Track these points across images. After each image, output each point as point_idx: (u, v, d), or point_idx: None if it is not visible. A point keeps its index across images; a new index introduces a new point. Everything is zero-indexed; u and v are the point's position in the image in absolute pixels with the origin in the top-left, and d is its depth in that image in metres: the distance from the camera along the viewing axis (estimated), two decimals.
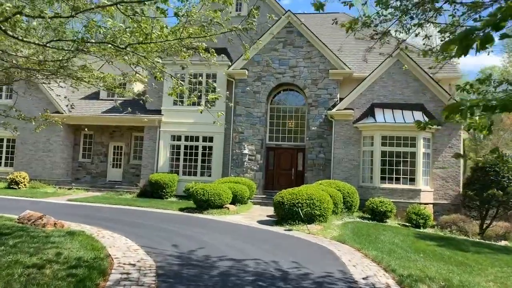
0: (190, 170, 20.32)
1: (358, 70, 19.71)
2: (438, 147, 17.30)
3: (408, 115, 17.29)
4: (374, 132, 17.29)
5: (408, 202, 16.63)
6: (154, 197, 18.96)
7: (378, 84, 18.01)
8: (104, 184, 21.67)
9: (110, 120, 21.21)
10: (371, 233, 12.50)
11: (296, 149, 19.66)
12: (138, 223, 11.93)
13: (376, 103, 17.93)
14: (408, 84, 17.79)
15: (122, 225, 11.28)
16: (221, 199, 15.03)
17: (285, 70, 19.34)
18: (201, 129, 20.23)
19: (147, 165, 20.76)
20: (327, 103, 18.82)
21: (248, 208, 16.47)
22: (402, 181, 17.01)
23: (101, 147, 22.52)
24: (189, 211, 15.21)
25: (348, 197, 15.70)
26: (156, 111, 20.87)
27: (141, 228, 10.93)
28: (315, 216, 12.66)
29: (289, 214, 12.69)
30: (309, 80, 19.07)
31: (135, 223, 11.90)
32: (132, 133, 22.39)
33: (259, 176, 19.12)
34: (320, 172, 18.57)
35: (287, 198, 12.81)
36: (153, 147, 20.74)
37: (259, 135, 19.30)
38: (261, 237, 10.80)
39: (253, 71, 19.57)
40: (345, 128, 18.10)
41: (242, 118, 19.48)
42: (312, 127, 18.81)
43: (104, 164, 22.44)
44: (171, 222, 12.37)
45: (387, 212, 15.48)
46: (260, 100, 19.41)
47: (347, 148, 18.02)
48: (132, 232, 10.17)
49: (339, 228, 12.92)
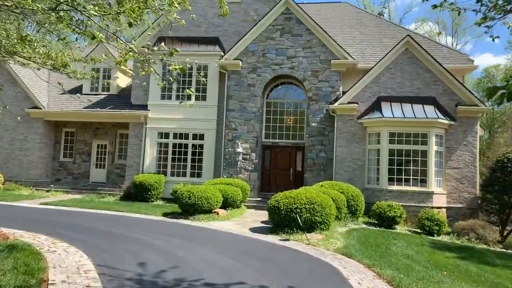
0: (179, 171, 18.59)
1: (362, 61, 18.02)
2: (452, 145, 15.59)
3: (418, 110, 15.59)
4: (381, 128, 15.58)
5: (419, 206, 14.92)
6: (138, 200, 17.25)
7: (385, 76, 16.31)
8: (86, 185, 19.95)
9: (93, 116, 19.49)
10: (380, 243, 10.79)
11: (294, 147, 17.96)
12: (108, 232, 10.21)
13: (383, 96, 16.22)
14: (418, 75, 16.08)
15: (87, 234, 9.56)
16: (210, 203, 13.32)
17: (282, 60, 17.63)
18: (191, 125, 18.52)
19: (132, 165, 19.03)
20: (329, 97, 17.11)
21: (240, 213, 14.76)
22: (412, 182, 15.29)
23: (84, 146, 20.80)
24: (174, 216, 13.49)
25: (353, 200, 13.99)
26: (142, 106, 19.16)
27: (108, 239, 9.21)
28: (316, 223, 10.95)
29: (286, 221, 10.98)
30: (309, 72, 17.36)
31: (105, 232, 10.18)
32: (117, 131, 20.66)
33: (254, 177, 17.42)
34: (321, 172, 16.85)
35: (283, 203, 11.11)
36: (139, 145, 19.02)
37: (254, 132, 17.59)
38: (251, 249, 9.09)
39: (247, 62, 17.87)
40: (348, 124, 16.38)
41: (236, 114, 17.77)
42: (312, 123, 17.10)
43: (86, 164, 20.72)
44: (148, 231, 10.66)
45: (396, 217, 13.78)
46: (255, 94, 17.70)
47: (350, 146, 16.30)
48: (95, 244, 8.46)
49: (343, 236, 11.21)
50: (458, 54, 18.18)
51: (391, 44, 18.49)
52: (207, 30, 19.32)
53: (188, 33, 19.30)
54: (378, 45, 19.20)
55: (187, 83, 18.74)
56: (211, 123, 18.51)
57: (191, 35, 19.25)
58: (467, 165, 15.44)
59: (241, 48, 17.83)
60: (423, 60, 15.99)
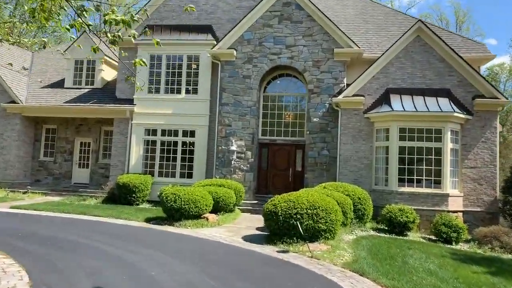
0: (168, 171, 17.00)
1: (368, 51, 16.47)
2: (468, 142, 14.04)
3: (431, 103, 14.04)
4: (390, 123, 14.03)
5: (433, 209, 13.38)
6: (122, 203, 15.66)
7: (394, 65, 14.75)
8: (67, 187, 18.33)
9: (74, 112, 17.89)
10: (394, 254, 9.24)
11: (294, 145, 16.39)
12: (72, 242, 8.63)
13: (391, 88, 14.67)
14: (430, 64, 14.53)
15: (44, 246, 7.98)
16: (198, 207, 11.74)
17: (281, 50, 16.07)
18: (181, 121, 16.93)
19: (116, 164, 17.43)
20: (332, 90, 15.55)
21: (234, 218, 13.18)
22: (425, 183, 13.74)
23: (66, 144, 19.19)
24: (157, 222, 11.91)
25: (360, 204, 12.44)
26: (128, 101, 17.57)
27: (69, 252, 7.62)
28: (320, 231, 9.38)
29: (285, 229, 9.41)
30: (310, 62, 15.80)
31: (68, 242, 8.59)
32: (102, 127, 19.06)
33: (250, 178, 15.84)
34: (324, 172, 15.29)
35: (282, 207, 9.54)
36: (124, 143, 17.42)
37: (249, 128, 16.02)
38: (243, 266, 7.52)
39: (242, 52, 16.29)
40: (354, 119, 14.82)
41: (230, 108, 16.19)
42: (313, 119, 15.54)
43: (68, 164, 19.11)
44: (123, 240, 9.08)
45: (408, 223, 12.23)
46: (251, 86, 16.13)
47: (356, 143, 14.74)
48: (49, 260, 6.89)
49: (351, 246, 9.65)
50: (473, 43, 16.65)
51: (399, 34, 16.97)
52: (198, 18, 17.75)
53: (178, 21, 17.75)
54: (384, 34, 17.66)
55: (177, 75, 17.16)
56: (203, 118, 16.93)
57: (182, 23, 17.69)
58: (485, 164, 13.90)
59: (236, 36, 16.27)
60: (436, 48, 14.45)
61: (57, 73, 20.68)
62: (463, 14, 44.21)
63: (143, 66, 4.35)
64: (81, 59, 19.12)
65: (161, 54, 17.27)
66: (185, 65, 17.11)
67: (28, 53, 22.79)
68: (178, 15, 17.81)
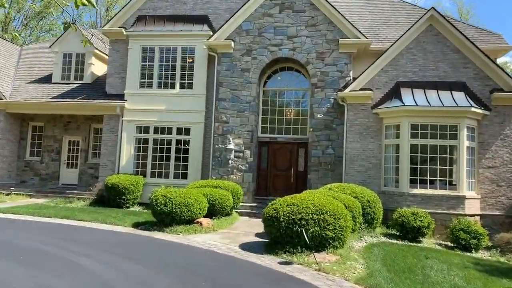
0: (161, 171, 15.87)
1: (376, 42, 15.38)
2: (485, 139, 12.93)
3: (446, 97, 12.93)
4: (401, 119, 12.91)
5: (448, 213, 12.28)
6: (111, 206, 14.54)
7: (405, 57, 13.64)
8: (54, 188, 17.21)
9: (62, 108, 16.75)
10: (412, 265, 8.12)
11: (296, 143, 15.27)
12: (42, 253, 7.50)
13: (402, 81, 13.56)
14: (444, 56, 13.41)
15: (6, 259, 6.84)
16: (191, 211, 10.61)
17: (282, 41, 14.95)
18: (175, 118, 15.81)
19: (106, 164, 16.30)
20: (337, 83, 14.43)
21: (231, 222, 12.05)
22: (439, 185, 12.62)
23: (53, 142, 18.05)
24: (146, 227, 10.78)
25: (369, 207, 11.32)
26: (118, 96, 16.44)
27: (29, 267, 6.49)
28: (327, 239, 8.25)
29: (287, 236, 8.28)
30: (313, 54, 14.68)
31: (37, 253, 7.46)
32: (91, 125, 17.93)
33: (249, 179, 14.70)
34: (328, 173, 14.16)
35: (284, 212, 8.41)
36: (114, 141, 16.30)
37: (248, 126, 14.89)
38: (239, 281, 6.40)
39: (241, 43, 15.17)
40: (361, 114, 13.71)
41: (227, 104, 15.07)
42: (317, 115, 14.42)
43: (56, 164, 17.97)
44: (103, 250, 7.95)
45: (422, 228, 11.12)
46: (250, 81, 15.01)
47: (364, 141, 13.63)
48: (1, 279, 5.75)
49: (363, 256, 8.54)
50: (488, 33, 15.54)
51: (408, 25, 15.90)
52: (194, 7, 16.62)
53: (173, 11, 16.64)
54: (392, 25, 16.57)
55: (171, 68, 16.04)
56: (199, 115, 15.80)
57: (176, 13, 16.57)
58: (505, 163, 12.78)
59: (234, 27, 15.15)
60: (450, 38, 13.34)
61: (46, 68, 19.55)
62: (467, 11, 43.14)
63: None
64: (70, 52, 18.00)
65: (153, 46, 16.14)
66: (180, 58, 15.99)
67: (16, 47, 21.67)
68: (172, 4, 16.70)
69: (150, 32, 16.12)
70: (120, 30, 16.51)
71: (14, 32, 38.58)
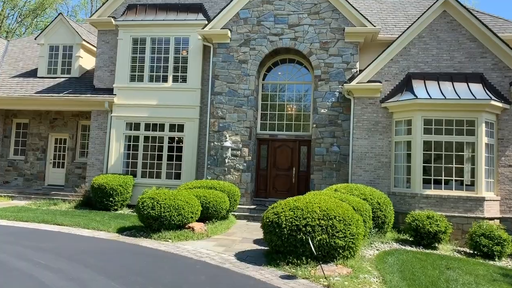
0: (152, 171, 14.74)
1: (384, 32, 14.28)
2: (505, 136, 11.82)
3: (462, 89, 11.83)
4: (413, 113, 11.80)
5: (465, 216, 11.19)
6: (98, 208, 13.44)
7: (417, 46, 12.54)
8: (39, 189, 16.09)
9: (46, 103, 15.62)
10: (434, 279, 7.02)
11: (298, 141, 14.16)
12: (2, 264, 6.37)
13: (413, 72, 12.46)
14: (460, 45, 12.32)
15: None
16: (182, 215, 9.49)
17: (283, 30, 13.84)
18: (167, 113, 14.69)
19: (94, 163, 15.18)
20: (343, 76, 13.33)
21: (227, 227, 10.92)
22: (455, 185, 11.51)
23: (39, 140, 16.93)
24: (132, 233, 9.66)
25: (379, 210, 10.23)
26: (107, 90, 15.32)
27: None
28: (337, 248, 7.12)
29: (290, 245, 7.16)
30: (317, 44, 13.58)
31: None
32: (79, 122, 16.82)
33: (247, 179, 13.59)
34: (333, 172, 13.05)
35: (286, 217, 7.30)
36: (103, 139, 15.17)
37: (246, 122, 13.78)
38: None
39: (238, 32, 14.06)
40: (369, 109, 12.60)
41: (223, 98, 13.95)
42: (321, 110, 13.31)
43: (42, 163, 16.84)
44: (76, 262, 6.83)
45: (439, 233, 10.03)
46: (248, 73, 13.90)
47: (372, 137, 12.52)
48: None
49: (376, 267, 7.43)
50: (505, 22, 14.43)
51: (418, 14, 14.86)
52: None
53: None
54: (401, 14, 15.48)
55: (163, 60, 14.92)
56: (193, 110, 14.68)
57: (169, 1, 15.46)
58: None
59: (230, 14, 14.04)
60: (466, 25, 12.25)
61: (33, 62, 18.43)
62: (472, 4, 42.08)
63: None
64: (57, 45, 16.87)
65: (145, 36, 15.02)
66: (173, 49, 14.87)
67: (2, 41, 20.56)
68: None
69: (141, 21, 15.01)
70: (109, 20, 15.40)
71: (6, 30, 37.51)
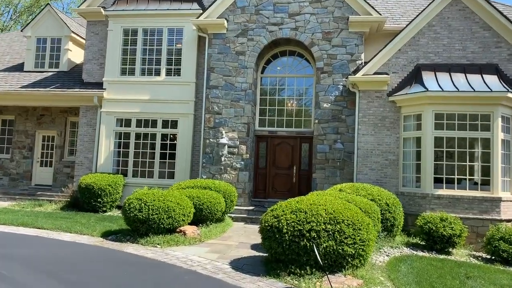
0: (144, 170, 13.88)
1: (391, 21, 13.44)
2: None
3: (476, 81, 10.98)
4: (423, 107, 10.95)
5: (480, 218, 10.34)
6: (86, 210, 12.60)
7: (426, 36, 11.69)
8: (26, 189, 15.21)
9: (32, 98, 14.74)
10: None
11: (299, 138, 13.31)
12: None
13: (423, 64, 11.60)
14: (473, 34, 11.47)
15: None
16: (172, 217, 8.63)
17: (282, 19, 12.98)
18: (160, 109, 13.83)
19: (82, 162, 14.31)
20: (347, 68, 12.48)
21: (222, 230, 10.06)
22: (469, 185, 10.67)
23: (25, 138, 16.05)
24: (118, 238, 8.79)
25: (388, 211, 9.38)
26: (97, 85, 14.45)
27: None
28: (345, 257, 6.26)
29: (293, 253, 6.30)
30: (319, 34, 12.72)
31: None
32: (67, 118, 15.94)
33: (244, 178, 12.73)
34: (336, 171, 12.20)
35: (288, 220, 6.43)
36: (92, 136, 14.31)
37: (244, 117, 12.92)
38: None
39: (235, 22, 13.20)
40: (375, 103, 11.75)
41: (220, 92, 13.10)
42: (323, 104, 12.45)
43: (28, 162, 15.96)
44: (42, 273, 5.97)
45: (453, 237, 9.19)
46: (245, 65, 13.04)
47: (379, 134, 11.67)
48: None
49: (389, 277, 6.58)
50: None
51: (425, 3, 13.98)
52: None
53: None
54: (408, 3, 14.63)
55: (156, 52, 14.05)
56: (187, 105, 13.81)
57: None
58: None
59: (227, 3, 13.18)
60: (479, 12, 11.40)
61: (20, 56, 17.57)
62: None
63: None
64: (44, 37, 15.99)
65: (136, 27, 14.16)
66: (166, 41, 14.00)
67: None
68: None
69: (132, 11, 14.13)
70: (99, 10, 14.52)
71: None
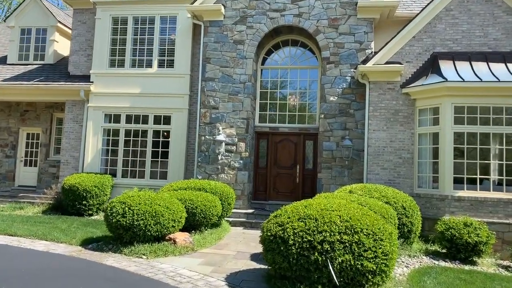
0: (135, 170, 12.80)
1: (402, 8, 12.37)
2: None
3: (500, 70, 9.90)
4: (440, 100, 9.86)
5: (507, 223, 9.27)
6: (70, 213, 11.51)
7: (443, 21, 10.61)
8: (7, 191, 14.13)
9: (15, 92, 13.65)
10: None
11: (303, 134, 12.23)
12: None
13: (440, 52, 10.53)
14: (495, 19, 10.40)
15: None
16: (160, 223, 7.55)
17: (285, 5, 11.91)
18: (152, 103, 12.75)
19: (68, 161, 13.23)
20: (355, 57, 11.40)
21: (218, 237, 8.96)
22: (493, 186, 9.59)
23: (8, 135, 14.96)
24: (99, 246, 7.71)
25: (405, 215, 8.33)
26: (83, 78, 13.38)
27: None
28: (365, 273, 5.16)
29: (301, 269, 5.21)
30: (324, 21, 11.65)
31: None
32: (53, 114, 14.85)
33: (243, 178, 11.64)
34: (344, 171, 11.11)
35: (294, 229, 5.34)
36: (78, 133, 13.23)
37: (243, 112, 11.84)
38: None
39: (233, 8, 12.13)
40: (388, 95, 10.67)
41: (216, 85, 12.02)
42: (330, 97, 11.38)
43: (11, 161, 14.87)
44: None
45: (479, 244, 8.11)
46: (244, 55, 11.96)
47: (391, 129, 10.59)
48: None
49: None
50: None
51: None
52: None
53: None
54: None
55: (147, 42, 12.97)
56: (181, 100, 12.74)
57: None
58: None
59: None
60: None
61: (5, 48, 16.50)
62: None
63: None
64: (29, 27, 14.91)
65: (126, 15, 13.08)
66: (158, 30, 12.93)
67: None
68: None
69: None
70: None
71: None
